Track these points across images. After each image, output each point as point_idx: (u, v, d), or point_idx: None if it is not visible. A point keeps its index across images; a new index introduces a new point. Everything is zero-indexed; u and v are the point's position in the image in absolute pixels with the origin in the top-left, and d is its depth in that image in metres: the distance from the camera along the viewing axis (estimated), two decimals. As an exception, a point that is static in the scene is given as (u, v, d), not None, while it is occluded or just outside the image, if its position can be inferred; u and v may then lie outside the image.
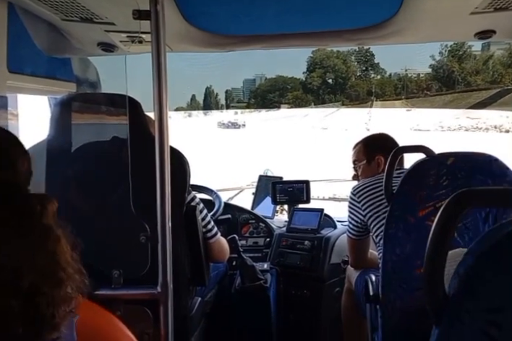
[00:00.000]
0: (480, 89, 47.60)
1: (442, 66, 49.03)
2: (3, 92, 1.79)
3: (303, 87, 53.24)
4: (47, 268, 0.78)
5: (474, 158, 1.78)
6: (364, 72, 53.47)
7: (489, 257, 0.74)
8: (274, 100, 52.85)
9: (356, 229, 2.17)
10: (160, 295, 1.44)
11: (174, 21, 1.95)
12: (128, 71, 1.56)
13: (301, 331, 2.61)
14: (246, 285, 2.34)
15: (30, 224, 0.79)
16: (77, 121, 1.69)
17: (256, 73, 55.91)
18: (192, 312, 1.90)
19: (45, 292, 0.76)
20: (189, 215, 1.77)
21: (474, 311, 0.74)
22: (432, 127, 41.10)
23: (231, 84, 57.41)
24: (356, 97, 51.79)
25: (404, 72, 51.12)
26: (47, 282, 0.77)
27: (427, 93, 49.20)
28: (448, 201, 0.79)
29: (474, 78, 47.83)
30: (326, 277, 2.59)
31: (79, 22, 1.94)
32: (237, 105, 54.50)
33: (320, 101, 51.96)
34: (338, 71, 52.26)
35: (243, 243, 2.73)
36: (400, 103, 50.04)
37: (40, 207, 0.81)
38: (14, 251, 0.75)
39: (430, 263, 0.80)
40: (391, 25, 2.05)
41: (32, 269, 0.75)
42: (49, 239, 0.80)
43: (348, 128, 37.71)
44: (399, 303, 1.74)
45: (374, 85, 51.81)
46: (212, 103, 53.61)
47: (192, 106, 51.69)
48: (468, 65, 48.06)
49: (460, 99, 48.14)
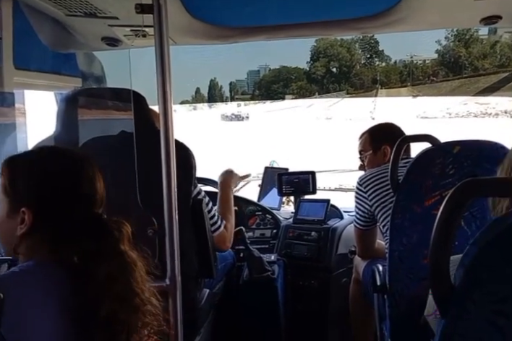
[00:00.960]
0: (489, 74, 46.15)
1: (448, 51, 48.03)
2: (11, 88, 1.80)
3: (307, 76, 52.82)
4: (124, 295, 0.78)
5: (480, 146, 1.77)
6: (369, 60, 52.74)
7: (494, 247, 0.74)
8: (278, 90, 52.47)
9: (363, 219, 2.17)
10: (168, 288, 1.45)
11: (177, 14, 1.95)
12: (132, 65, 1.56)
13: (309, 322, 2.62)
14: (253, 276, 2.35)
15: (109, 251, 0.79)
16: (83, 116, 1.69)
17: (260, 64, 55.48)
18: (200, 304, 1.91)
19: (121, 319, 0.77)
20: (196, 208, 1.78)
21: (480, 301, 0.75)
22: (439, 114, 39.93)
23: (236, 76, 57.06)
24: (360, 85, 51.14)
25: (410, 59, 50.33)
26: (123, 309, 0.78)
27: (434, 79, 48.29)
28: (452, 190, 0.78)
29: (482, 62, 46.41)
30: (333, 268, 2.60)
31: (83, 17, 1.94)
32: (242, 97, 54.16)
33: (325, 90, 51.38)
34: (342, 60, 51.58)
35: (250, 235, 2.73)
36: (406, 90, 48.99)
37: (118, 233, 0.81)
38: (94, 280, 0.75)
39: (435, 253, 0.80)
40: (395, 13, 2.04)
41: (110, 297, 0.76)
42: (126, 265, 0.80)
43: (352, 117, 37.04)
44: (406, 292, 1.75)
45: (379, 73, 51.12)
46: (217, 96, 53.31)
47: (196, 99, 51.42)
48: (475, 49, 47.04)
49: (468, 84, 46.66)
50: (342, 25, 2.22)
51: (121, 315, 0.77)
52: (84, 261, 0.77)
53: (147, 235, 1.54)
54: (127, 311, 0.79)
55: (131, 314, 0.79)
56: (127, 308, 0.79)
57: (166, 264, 1.45)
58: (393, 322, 1.81)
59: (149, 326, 0.85)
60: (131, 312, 0.79)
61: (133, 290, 0.81)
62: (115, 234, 0.81)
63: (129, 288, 0.80)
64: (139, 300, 0.82)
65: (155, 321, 0.87)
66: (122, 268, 0.80)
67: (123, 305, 0.78)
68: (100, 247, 0.79)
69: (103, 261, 0.78)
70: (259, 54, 56.87)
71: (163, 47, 1.38)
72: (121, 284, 0.79)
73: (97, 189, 0.92)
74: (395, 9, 2.00)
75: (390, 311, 1.81)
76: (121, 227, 0.83)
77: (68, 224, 0.81)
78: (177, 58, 5.23)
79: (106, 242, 0.80)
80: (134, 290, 0.81)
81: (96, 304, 0.75)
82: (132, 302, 0.80)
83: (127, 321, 0.78)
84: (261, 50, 59.63)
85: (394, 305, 1.78)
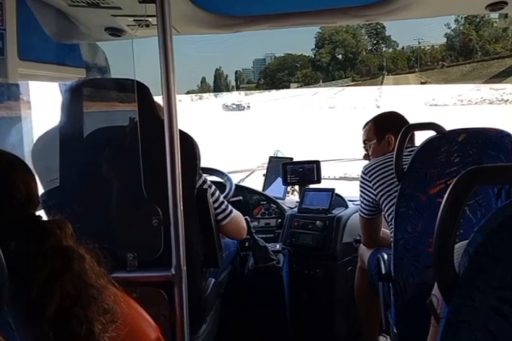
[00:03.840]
0: (502, 57, 43.47)
1: (458, 34, 46.68)
2: (15, 79, 1.81)
3: (312, 64, 52.28)
4: (75, 289, 0.79)
5: (486, 134, 1.76)
6: (375, 46, 51.86)
7: (498, 235, 0.74)
8: (283, 79, 52.03)
9: (368, 208, 2.17)
10: (174, 277, 1.46)
11: (180, 3, 1.93)
12: (136, 55, 1.56)
13: (314, 311, 2.63)
14: (259, 265, 2.36)
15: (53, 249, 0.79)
16: (87, 107, 1.70)
17: (266, 52, 55.01)
18: (206, 293, 1.92)
19: (75, 312, 0.78)
20: (201, 198, 1.78)
21: (485, 288, 0.75)
22: (450, 101, 37.91)
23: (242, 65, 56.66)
24: (367, 72, 50.26)
25: (417, 44, 49.06)
26: (76, 302, 0.78)
27: (444, 64, 47.05)
28: (457, 178, 0.78)
29: (494, 46, 44.50)
30: (338, 257, 2.61)
31: (86, 7, 1.93)
32: (247, 86, 53.88)
33: (330, 78, 50.75)
34: (347, 46, 50.68)
35: (255, 225, 2.74)
36: (414, 77, 47.59)
37: (59, 231, 0.82)
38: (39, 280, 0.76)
39: (439, 241, 0.80)
40: (399, 0, 2.01)
41: (58, 294, 0.77)
42: (73, 260, 0.81)
43: (357, 106, 35.95)
44: (411, 280, 1.76)
45: (385, 58, 50.09)
46: (223, 85, 53.03)
47: (202, 89, 51.08)
48: (486, 32, 45.51)
49: (480, 68, 44.25)
50: (346, 13, 2.20)
51: (75, 309, 0.78)
52: (24, 262, 0.77)
53: (152, 224, 1.56)
54: (82, 304, 0.79)
55: (87, 306, 0.80)
56: (81, 301, 0.80)
57: (172, 253, 1.46)
58: (398, 310, 1.82)
59: (110, 312, 0.86)
60: (86, 304, 0.80)
61: (85, 282, 0.82)
62: (56, 232, 0.82)
63: (79, 282, 0.81)
64: (94, 291, 0.83)
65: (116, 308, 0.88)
66: (68, 263, 0.80)
67: (75, 299, 0.79)
68: (41, 246, 0.79)
69: (45, 261, 0.78)
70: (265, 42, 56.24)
71: (166, 36, 1.37)
72: (69, 279, 0.79)
73: (32, 190, 0.91)
74: (399, -4, 1.98)
75: (395, 299, 1.82)
76: (62, 225, 0.83)
77: (3, 227, 0.81)
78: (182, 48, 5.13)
79: (47, 241, 0.80)
80: (85, 282, 0.82)
81: (43, 303, 0.76)
82: (86, 294, 0.81)
83: (84, 313, 0.79)
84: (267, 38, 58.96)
85: (399, 293, 1.79)
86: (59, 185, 1.67)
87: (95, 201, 1.66)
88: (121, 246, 1.56)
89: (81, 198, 1.67)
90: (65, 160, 1.67)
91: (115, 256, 1.47)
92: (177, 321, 1.50)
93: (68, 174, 1.67)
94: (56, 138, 1.68)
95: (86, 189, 1.66)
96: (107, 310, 0.84)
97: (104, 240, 0.97)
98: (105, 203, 1.64)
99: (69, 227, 0.84)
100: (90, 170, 1.67)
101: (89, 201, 1.66)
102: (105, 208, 1.65)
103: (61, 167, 1.67)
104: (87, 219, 1.58)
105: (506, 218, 0.74)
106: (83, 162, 1.66)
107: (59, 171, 1.66)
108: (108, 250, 0.95)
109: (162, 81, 1.40)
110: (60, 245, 0.81)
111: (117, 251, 1.52)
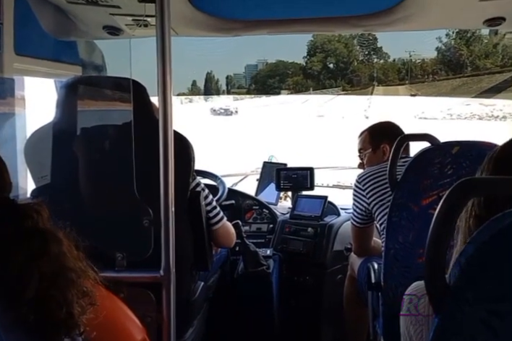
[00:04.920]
0: (493, 73, 44.00)
1: (449, 48, 46.94)
2: (11, 74, 1.79)
3: (303, 72, 52.24)
4: (54, 271, 0.78)
5: (479, 147, 1.76)
6: (367, 56, 52.01)
7: (490, 247, 0.74)
8: (274, 85, 51.99)
9: (360, 217, 2.17)
10: (162, 279, 1.45)
11: (180, 4, 1.93)
12: (133, 54, 1.55)
13: (302, 317, 2.62)
14: (248, 270, 2.35)
15: (30, 231, 0.79)
16: (82, 104, 1.69)
17: (258, 58, 55.03)
18: (194, 296, 1.91)
19: (54, 294, 0.77)
20: (193, 200, 1.77)
21: (475, 300, 0.74)
22: (439, 115, 37.31)
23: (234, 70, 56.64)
24: (357, 82, 50.30)
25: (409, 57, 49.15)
26: (55, 285, 0.78)
27: (434, 78, 47.24)
28: (450, 190, 0.78)
29: (484, 62, 45.00)
30: (329, 264, 2.60)
31: (84, 4, 1.92)
32: (238, 91, 53.84)
33: (320, 86, 50.74)
34: (339, 56, 50.64)
35: (246, 229, 2.73)
36: (404, 89, 47.45)
37: (36, 214, 0.81)
38: (16, 262, 0.75)
39: (431, 252, 0.79)
40: (398, 12, 2.03)
41: (35, 276, 0.76)
42: (52, 242, 0.80)
43: (345, 115, 35.36)
44: (401, 290, 1.75)
45: (376, 69, 50.11)
46: (213, 89, 52.97)
47: (193, 91, 50.89)
48: (476, 48, 45.39)
49: (470, 83, 44.76)
50: (344, 22, 2.21)
51: (53, 291, 0.77)
52: (1, 245, 0.77)
53: (142, 225, 1.54)
54: (61, 287, 0.79)
55: (66, 289, 0.79)
56: (60, 284, 0.79)
57: (161, 255, 1.45)
58: (386, 320, 1.81)
59: (89, 295, 0.85)
60: (65, 287, 0.80)
61: (63, 264, 0.81)
62: (33, 215, 0.81)
63: (57, 264, 0.80)
64: (72, 274, 0.82)
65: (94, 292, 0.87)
66: (45, 246, 0.79)
67: (54, 281, 0.78)
68: (18, 229, 0.79)
69: (22, 243, 0.78)
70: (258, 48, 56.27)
71: (165, 37, 1.37)
72: (46, 261, 0.79)
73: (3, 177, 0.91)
74: (399, 8, 2.00)
75: (383, 308, 1.81)
76: (38, 209, 0.83)
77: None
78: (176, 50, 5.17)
79: (23, 223, 0.79)
80: (64, 264, 0.81)
81: (21, 286, 0.75)
82: (65, 276, 0.81)
83: (63, 296, 0.78)
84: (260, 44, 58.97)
85: (388, 303, 1.78)
86: (50, 182, 1.66)
87: (86, 199, 1.65)
88: (111, 245, 1.55)
89: (71, 195, 1.66)
90: (57, 157, 1.66)
91: (104, 255, 1.47)
92: (164, 323, 1.49)
93: (59, 171, 1.65)
94: (49, 134, 1.67)
95: (77, 187, 1.65)
96: (85, 293, 0.84)
97: (93, 239, 0.96)
98: (95, 202, 1.63)
99: (45, 210, 0.84)
100: (82, 168, 1.66)
101: (79, 199, 1.65)
102: (96, 207, 1.64)
103: (53, 164, 1.66)
104: (77, 217, 1.57)
105: (498, 230, 0.73)
106: (75, 159, 1.65)
107: (50, 168, 1.65)
108: (97, 249, 0.94)
109: (158, 82, 1.39)
110: (36, 227, 0.80)
111: (106, 250, 1.51)
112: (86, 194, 1.65)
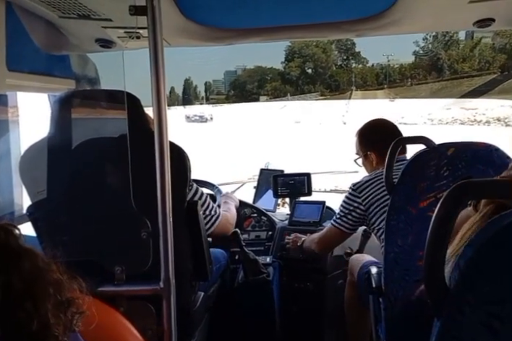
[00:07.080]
0: (472, 76, 44.22)
1: (427, 52, 46.90)
2: (3, 90, 1.79)
3: (281, 77, 52.09)
4: (26, 285, 0.79)
5: (475, 148, 1.78)
6: (345, 61, 51.87)
7: (489, 249, 0.74)
8: (253, 91, 51.87)
9: (351, 223, 2.18)
10: (162, 291, 1.44)
11: (171, 15, 1.94)
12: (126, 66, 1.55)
13: (304, 324, 2.61)
14: (249, 278, 2.35)
15: None
16: (77, 118, 1.69)
17: (237, 64, 54.98)
18: (195, 307, 1.90)
19: (25, 307, 0.77)
20: (191, 210, 1.77)
21: (475, 303, 0.74)
22: (419, 120, 36.23)
23: (213, 76, 56.56)
24: (336, 87, 50.27)
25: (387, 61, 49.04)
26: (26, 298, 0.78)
27: (413, 82, 47.16)
28: (447, 193, 0.78)
29: (461, 65, 45.35)
30: (329, 270, 2.60)
31: (76, 18, 1.93)
32: (217, 97, 53.74)
33: (299, 92, 50.64)
34: (317, 61, 50.38)
35: (245, 237, 2.72)
36: (383, 93, 47.63)
37: (5, 234, 0.82)
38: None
39: (430, 255, 0.79)
40: (389, 15, 2.04)
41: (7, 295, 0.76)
42: (24, 258, 0.81)
43: (323, 121, 35.18)
44: (402, 294, 1.75)
45: (354, 74, 49.96)
46: (192, 96, 52.80)
47: (171, 99, 50.58)
48: (454, 51, 45.75)
49: (450, 87, 44.83)
50: (336, 27, 2.22)
51: (25, 304, 0.77)
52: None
53: (140, 237, 1.54)
54: (34, 299, 0.79)
55: (41, 301, 0.80)
56: (33, 296, 0.79)
57: (160, 266, 1.44)
58: (389, 324, 1.81)
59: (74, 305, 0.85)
60: (39, 299, 0.80)
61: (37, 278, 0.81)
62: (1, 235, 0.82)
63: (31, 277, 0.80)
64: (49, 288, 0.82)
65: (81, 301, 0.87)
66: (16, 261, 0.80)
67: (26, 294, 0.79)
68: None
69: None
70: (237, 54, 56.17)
71: (157, 49, 1.37)
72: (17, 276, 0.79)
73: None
74: (390, 12, 2.01)
75: (385, 313, 1.81)
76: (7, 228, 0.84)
77: None
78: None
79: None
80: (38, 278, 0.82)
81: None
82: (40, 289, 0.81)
83: (36, 308, 0.78)
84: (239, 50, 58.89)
85: (389, 307, 1.78)
86: (47, 196, 1.66)
87: (83, 213, 1.64)
88: (109, 259, 1.54)
89: (68, 210, 1.65)
90: (53, 172, 1.66)
91: (103, 270, 1.46)
92: (165, 335, 1.47)
93: (56, 186, 1.65)
94: (44, 149, 1.67)
95: (74, 201, 1.65)
96: (68, 303, 0.84)
97: (91, 253, 0.96)
98: (93, 215, 1.63)
99: (15, 230, 0.84)
100: (78, 182, 1.65)
101: (76, 213, 1.65)
102: (93, 220, 1.63)
103: (49, 179, 1.65)
104: (75, 232, 1.56)
105: (496, 233, 0.74)
106: (71, 174, 1.65)
107: (47, 183, 1.64)
108: (95, 263, 0.94)
109: (152, 93, 1.39)
110: (5, 245, 0.80)
111: (105, 264, 1.50)
112: (83, 208, 1.65)
